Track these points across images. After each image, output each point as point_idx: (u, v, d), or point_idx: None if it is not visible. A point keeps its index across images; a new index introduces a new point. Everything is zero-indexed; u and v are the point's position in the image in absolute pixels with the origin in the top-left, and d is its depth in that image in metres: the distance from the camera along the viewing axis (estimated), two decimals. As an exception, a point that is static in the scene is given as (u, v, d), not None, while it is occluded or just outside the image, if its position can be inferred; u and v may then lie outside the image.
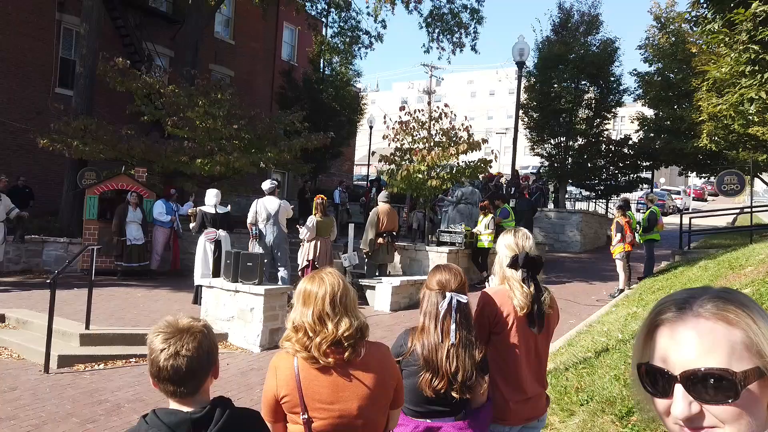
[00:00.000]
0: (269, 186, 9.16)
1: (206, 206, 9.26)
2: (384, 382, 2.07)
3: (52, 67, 15.92)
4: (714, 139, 13.72)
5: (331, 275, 2.13)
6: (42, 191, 15.16)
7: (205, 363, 1.66)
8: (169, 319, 1.68)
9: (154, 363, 1.62)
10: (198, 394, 1.67)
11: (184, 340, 1.62)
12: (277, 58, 24.21)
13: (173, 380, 1.62)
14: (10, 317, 7.76)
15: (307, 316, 2.02)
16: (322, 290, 2.06)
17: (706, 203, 39.94)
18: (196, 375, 1.64)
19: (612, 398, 4.20)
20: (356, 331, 2.03)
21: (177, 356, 1.60)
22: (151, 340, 1.65)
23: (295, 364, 2.02)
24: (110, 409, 5.13)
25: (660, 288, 8.98)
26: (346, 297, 2.09)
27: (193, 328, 1.66)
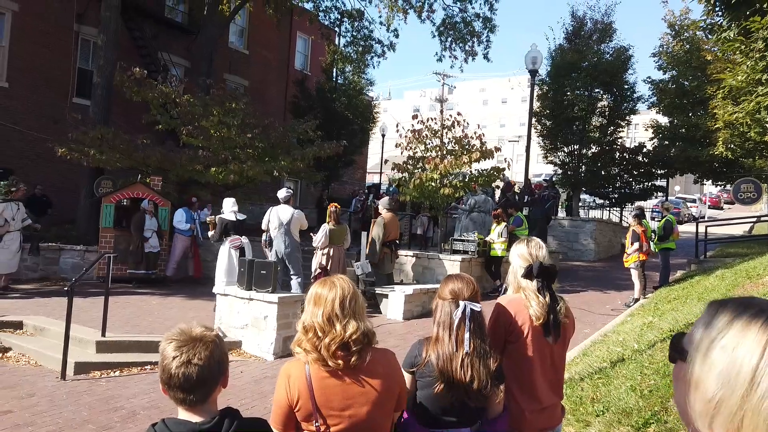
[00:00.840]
0: (284, 195, 9.19)
1: (225, 214, 9.33)
2: (390, 388, 2.15)
3: (70, 78, 16.19)
4: (730, 146, 13.59)
5: (341, 280, 2.21)
6: (59, 199, 15.37)
7: (216, 372, 1.69)
8: (183, 327, 1.71)
9: (166, 370, 1.65)
10: (207, 403, 1.70)
11: (197, 349, 1.65)
12: (290, 68, 24.43)
13: (184, 388, 1.65)
14: (27, 324, 7.86)
15: (317, 317, 2.10)
16: (332, 294, 2.13)
17: (721, 211, 39.47)
18: (207, 384, 1.67)
19: (628, 409, 4.16)
20: (363, 336, 2.10)
21: (189, 364, 1.63)
22: (163, 347, 1.68)
23: (306, 370, 2.07)
24: (126, 416, 5.17)
25: (676, 297, 8.89)
26: (355, 302, 2.16)
27: (206, 337, 1.69)
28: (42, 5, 15.37)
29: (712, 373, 0.85)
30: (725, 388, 0.83)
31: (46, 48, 15.52)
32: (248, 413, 5.38)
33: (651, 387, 4.46)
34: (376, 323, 8.88)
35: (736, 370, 0.82)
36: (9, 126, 14.78)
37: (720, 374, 0.84)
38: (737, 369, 0.82)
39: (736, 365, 0.83)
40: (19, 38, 15.01)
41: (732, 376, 0.82)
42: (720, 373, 0.84)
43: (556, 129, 19.44)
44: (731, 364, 0.83)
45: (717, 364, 0.85)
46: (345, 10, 19.17)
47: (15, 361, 6.88)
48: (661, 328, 6.45)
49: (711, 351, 0.87)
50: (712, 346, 0.87)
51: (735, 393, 0.81)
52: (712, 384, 0.84)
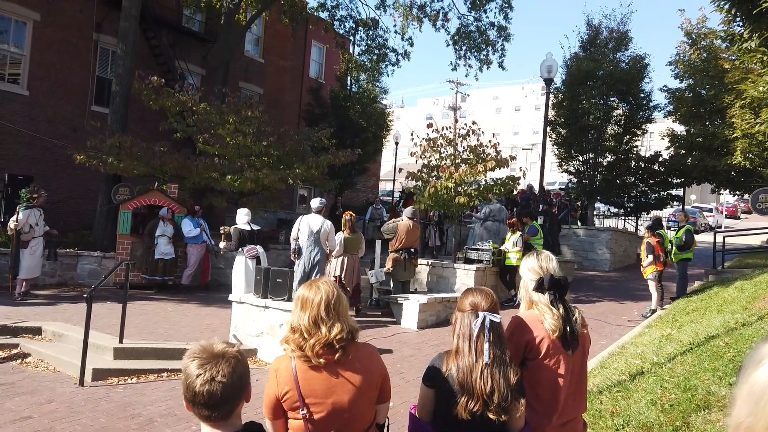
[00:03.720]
0: (318, 205, 9.09)
1: (240, 224, 9.41)
2: (370, 379, 2.30)
3: (89, 86, 16.41)
4: (748, 156, 13.44)
5: (326, 284, 2.39)
6: (77, 206, 15.57)
7: (239, 388, 1.71)
8: (204, 344, 1.73)
9: (190, 388, 1.66)
10: (231, 417, 1.71)
11: (220, 366, 1.66)
12: (305, 76, 24.58)
13: (208, 405, 1.66)
14: (46, 330, 7.95)
15: (303, 320, 2.28)
16: (318, 297, 2.31)
17: (739, 221, 38.99)
18: (230, 400, 1.68)
19: (649, 424, 4.11)
20: (347, 335, 2.28)
21: (212, 382, 1.64)
22: (186, 365, 1.69)
23: (293, 365, 2.27)
24: (143, 423, 5.20)
25: (695, 309, 8.78)
26: (339, 304, 2.33)
27: (228, 353, 1.71)
28: (62, 15, 15.63)
29: (746, 397, 0.84)
30: (755, 415, 0.82)
31: (65, 57, 15.77)
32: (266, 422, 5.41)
33: (672, 401, 4.40)
34: (391, 332, 8.86)
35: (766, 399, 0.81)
36: (29, 133, 15.02)
37: (751, 399, 0.83)
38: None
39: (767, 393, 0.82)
40: (40, 47, 15.26)
41: (761, 405, 0.81)
42: (752, 399, 0.83)
43: (571, 137, 19.34)
44: (764, 392, 0.82)
45: (752, 390, 0.84)
46: (360, 19, 19.26)
47: (34, 367, 6.95)
48: (681, 341, 6.37)
49: (749, 377, 0.86)
50: (750, 372, 0.87)
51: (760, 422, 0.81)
52: (744, 408, 0.84)
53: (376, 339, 8.23)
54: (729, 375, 4.60)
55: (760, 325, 6.01)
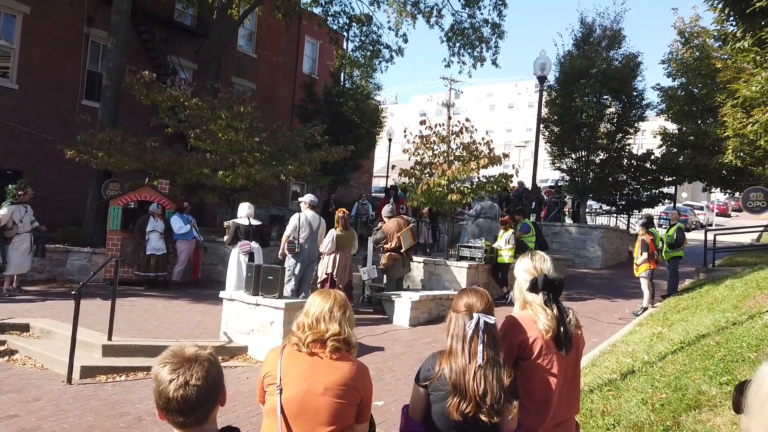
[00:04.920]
0: (313, 199, 9.10)
1: (240, 218, 9.33)
2: (352, 390, 2.35)
3: (80, 80, 16.26)
4: (739, 155, 13.49)
5: (339, 293, 2.54)
6: (67, 201, 15.44)
7: (213, 391, 1.66)
8: (174, 348, 1.68)
9: (163, 394, 1.60)
10: (206, 422, 1.66)
11: (193, 370, 1.62)
12: (298, 72, 24.48)
13: (183, 411, 1.61)
14: (34, 327, 7.87)
15: (309, 317, 2.44)
16: (327, 302, 2.46)
17: (729, 219, 39.24)
18: (205, 404, 1.64)
19: (640, 423, 4.11)
20: (343, 341, 2.39)
21: (186, 386, 1.59)
22: (157, 372, 1.64)
23: (282, 350, 2.44)
24: (131, 422, 5.15)
25: (685, 307, 8.81)
26: (345, 313, 2.46)
27: (200, 356, 1.66)
28: (53, 8, 15.46)
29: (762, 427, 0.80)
30: None
31: (56, 50, 15.60)
32: (254, 420, 5.38)
33: (663, 401, 4.40)
34: (383, 329, 8.85)
35: None
36: (18, 127, 14.86)
37: None
38: None
39: None
40: (30, 41, 15.09)
41: None
42: None
43: (564, 135, 19.36)
44: None
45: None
46: (354, 15, 19.18)
47: (21, 364, 6.88)
48: (671, 339, 6.38)
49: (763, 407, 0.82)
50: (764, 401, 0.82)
51: None
52: None
53: (368, 336, 8.21)
54: (719, 374, 4.60)
55: (750, 324, 6.02)
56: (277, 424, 2.31)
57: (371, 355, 7.38)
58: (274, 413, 2.34)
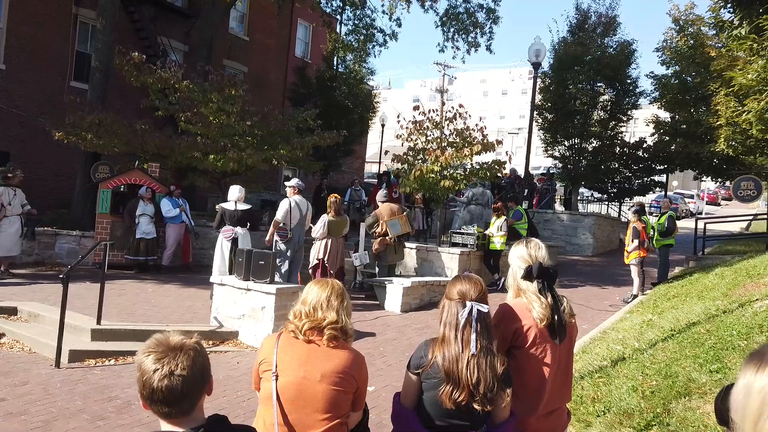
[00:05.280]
0: (299, 183, 9.01)
1: (227, 203, 9.21)
2: (348, 377, 2.33)
3: (68, 61, 15.99)
4: (731, 144, 13.51)
5: (336, 282, 2.53)
6: (56, 184, 15.26)
7: (200, 381, 1.61)
8: (159, 337, 1.63)
9: (147, 384, 1.56)
10: (193, 412, 1.62)
11: (178, 359, 1.57)
12: (290, 55, 24.21)
13: (168, 401, 1.56)
14: (22, 310, 7.79)
15: (306, 305, 2.42)
16: (325, 291, 2.45)
17: (719, 208, 39.55)
18: (192, 394, 1.59)
19: (630, 410, 4.12)
20: (340, 330, 2.38)
21: (172, 376, 1.54)
22: (141, 361, 1.59)
23: (278, 337, 2.42)
24: (121, 406, 5.12)
25: (675, 295, 8.86)
26: (342, 302, 2.45)
27: (186, 345, 1.61)
28: (40, -14, 15.15)
29: None
30: None
31: (44, 30, 15.32)
32: (245, 405, 5.36)
33: (653, 388, 4.41)
34: (374, 315, 8.84)
35: None
36: (6, 108, 14.62)
37: None
38: None
39: None
40: (17, 20, 14.80)
41: None
42: None
43: (557, 122, 19.32)
44: None
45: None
46: (347, -2, 18.96)
47: (9, 348, 6.81)
48: (662, 327, 6.41)
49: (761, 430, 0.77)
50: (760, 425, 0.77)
51: None
52: None
53: (359, 322, 8.20)
54: (710, 362, 4.62)
55: (740, 312, 6.06)
56: (273, 411, 2.29)
57: (363, 341, 7.37)
58: (269, 400, 2.32)
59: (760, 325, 5.25)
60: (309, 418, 2.29)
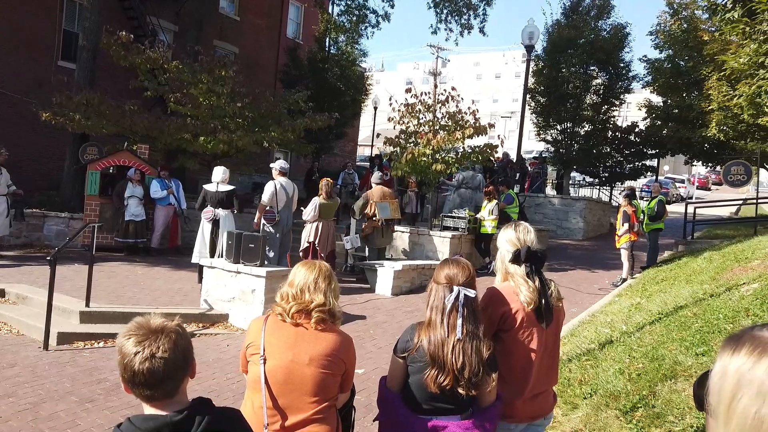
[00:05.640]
0: (285, 166, 8.94)
1: (209, 184, 9.12)
2: (336, 360, 2.33)
3: (55, 40, 15.72)
4: (723, 128, 13.54)
5: (324, 264, 2.52)
6: (44, 165, 15.08)
7: (182, 363, 1.60)
8: (140, 320, 1.61)
9: (128, 367, 1.54)
10: (176, 395, 1.61)
11: (160, 342, 1.56)
12: (282, 36, 23.91)
13: (150, 384, 1.55)
14: (10, 292, 7.74)
15: (293, 288, 2.41)
16: (312, 273, 2.43)
17: (709, 192, 39.77)
18: (174, 377, 1.58)
19: (616, 392, 4.16)
20: (327, 312, 2.37)
21: (153, 358, 1.53)
22: (122, 344, 1.57)
23: (265, 320, 2.41)
24: (109, 388, 5.11)
25: (664, 279, 8.93)
26: (330, 284, 2.43)
27: (167, 328, 1.60)
28: (25, -37, 14.83)
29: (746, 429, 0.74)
30: None
31: (30, 8, 15.02)
32: (234, 387, 5.36)
33: (639, 370, 4.45)
34: (365, 298, 8.86)
35: None
36: (-9, 88, 14.39)
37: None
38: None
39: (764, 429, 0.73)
40: (2, -3, 14.50)
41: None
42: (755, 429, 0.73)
43: (550, 106, 19.28)
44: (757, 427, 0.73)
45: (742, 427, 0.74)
46: (339, -22, 18.70)
47: (-4, 330, 6.77)
48: (650, 310, 6.46)
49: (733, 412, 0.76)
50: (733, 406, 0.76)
51: None
52: None
53: (350, 305, 8.22)
54: (696, 345, 4.67)
55: (727, 296, 6.11)
56: (261, 394, 2.28)
57: (353, 324, 7.39)
58: (257, 383, 2.31)
59: (746, 309, 5.30)
60: (298, 401, 2.29)
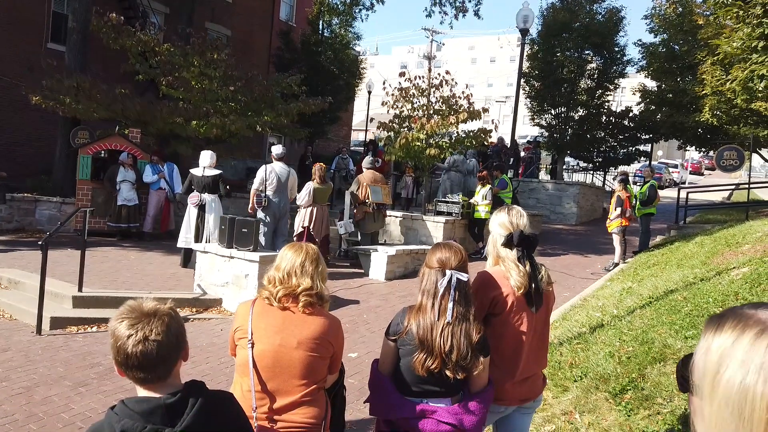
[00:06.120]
0: (281, 151, 8.89)
1: (195, 168, 9.03)
2: (324, 343, 2.34)
3: (44, 21, 15.49)
4: (716, 113, 13.56)
5: (311, 247, 2.51)
6: (35, 149, 14.95)
7: (175, 346, 1.62)
8: (132, 303, 1.64)
9: (121, 350, 1.56)
10: (169, 378, 1.63)
11: (152, 324, 1.58)
12: (275, 18, 23.66)
13: (143, 366, 1.57)
14: (2, 277, 7.71)
15: (280, 272, 2.41)
16: (299, 256, 2.43)
17: (702, 177, 39.96)
18: (167, 359, 1.60)
19: (606, 375, 4.20)
20: (315, 296, 2.37)
21: (146, 341, 1.55)
22: (115, 327, 1.60)
23: (252, 304, 2.42)
24: (103, 372, 5.12)
25: (656, 263, 8.99)
26: (316, 265, 2.43)
27: (160, 311, 1.62)
28: (12, -58, 14.55)
29: (724, 403, 0.75)
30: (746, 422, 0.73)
31: (17, -11, 14.78)
32: (228, 371, 5.38)
33: (629, 354, 4.50)
34: (359, 283, 8.88)
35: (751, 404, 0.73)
36: (-20, 71, 14.20)
37: (734, 406, 0.74)
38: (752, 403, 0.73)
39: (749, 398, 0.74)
40: (-11, -22, 14.25)
41: (747, 414, 0.73)
42: (734, 405, 0.74)
43: (545, 91, 19.25)
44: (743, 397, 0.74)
45: (728, 393, 0.75)
46: (333, -41, 18.47)
47: (-11, 315, 6.76)
48: (641, 294, 6.51)
49: (718, 385, 0.77)
50: (717, 379, 0.77)
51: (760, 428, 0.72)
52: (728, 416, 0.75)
53: (344, 290, 8.24)
54: (685, 329, 4.72)
55: (717, 280, 6.16)
56: (249, 378, 2.29)
57: (347, 308, 7.42)
58: (245, 367, 2.32)
59: (736, 293, 5.35)
60: (286, 385, 2.30)
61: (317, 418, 2.34)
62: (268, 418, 2.29)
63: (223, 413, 1.69)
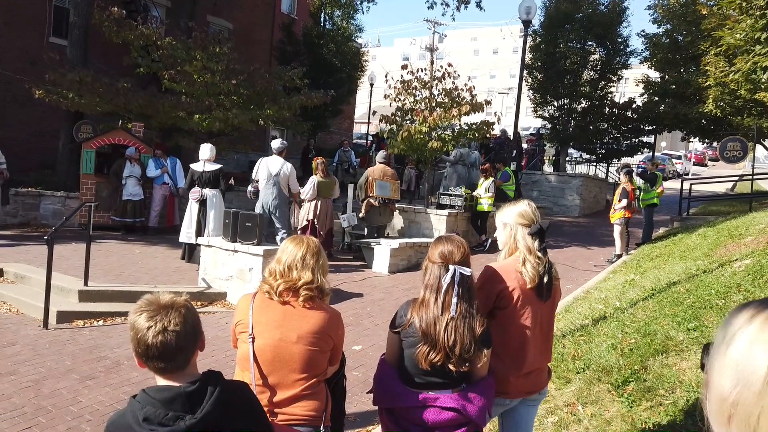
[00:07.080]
0: (278, 146, 8.87)
1: (195, 163, 9.00)
2: (324, 337, 2.35)
3: (46, 15, 15.49)
4: (719, 104, 13.50)
5: (312, 240, 2.51)
6: (39, 144, 14.98)
7: (192, 337, 1.69)
8: (149, 297, 1.70)
9: (142, 342, 1.62)
10: (187, 367, 1.70)
11: (170, 316, 1.64)
12: (277, 11, 23.60)
13: (163, 357, 1.63)
14: (8, 271, 7.77)
15: (280, 265, 2.41)
16: (300, 249, 2.43)
17: (706, 168, 39.83)
18: (185, 349, 1.67)
19: (609, 367, 4.23)
20: (316, 289, 2.37)
21: (165, 332, 1.61)
22: (134, 320, 1.65)
23: (253, 298, 2.42)
24: (110, 366, 5.18)
25: (658, 255, 8.99)
26: (317, 259, 2.43)
27: (177, 303, 1.69)
28: (13, -64, 14.52)
29: (728, 370, 0.82)
30: (742, 386, 0.80)
31: (19, -17, 14.77)
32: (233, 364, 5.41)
33: (632, 345, 4.53)
34: (362, 276, 8.92)
35: (753, 367, 0.79)
36: (-17, 66, 14.22)
37: (736, 372, 0.81)
38: (754, 366, 0.79)
39: (752, 362, 0.80)
40: (-9, -28, 14.24)
41: (748, 373, 0.79)
42: (736, 371, 0.81)
43: (547, 82, 19.18)
44: (747, 361, 0.80)
45: (733, 361, 0.82)
46: (334, -49, 18.39)
47: (-4, 309, 6.82)
48: (643, 286, 6.53)
49: (728, 348, 0.83)
50: (728, 342, 0.84)
51: (751, 391, 0.78)
52: (728, 382, 0.81)
53: (347, 283, 8.28)
54: (688, 321, 4.74)
55: (720, 272, 6.17)
56: (250, 372, 2.32)
57: (350, 301, 7.46)
58: (246, 361, 2.35)
59: (738, 285, 5.36)
60: (286, 379, 2.33)
61: (318, 410, 2.37)
62: (270, 411, 2.32)
63: (239, 402, 1.76)
